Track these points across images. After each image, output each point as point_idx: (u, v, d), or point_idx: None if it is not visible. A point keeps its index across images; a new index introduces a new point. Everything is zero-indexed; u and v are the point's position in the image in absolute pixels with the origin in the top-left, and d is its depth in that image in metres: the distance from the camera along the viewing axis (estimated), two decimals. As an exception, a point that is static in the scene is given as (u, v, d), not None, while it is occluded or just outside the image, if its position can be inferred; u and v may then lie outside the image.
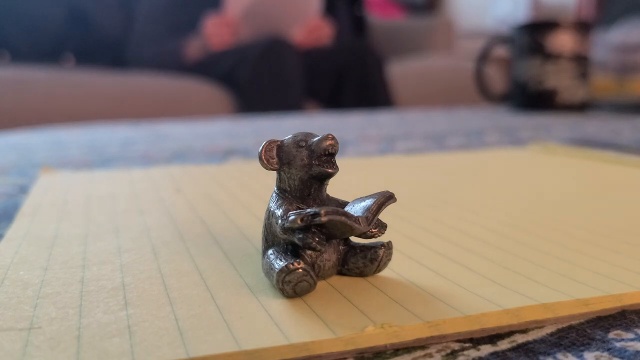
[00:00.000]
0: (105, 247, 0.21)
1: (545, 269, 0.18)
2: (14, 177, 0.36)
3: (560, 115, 0.73)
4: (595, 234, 0.22)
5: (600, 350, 0.14)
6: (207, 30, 1.22)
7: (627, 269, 0.18)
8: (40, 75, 1.12)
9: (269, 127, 0.66)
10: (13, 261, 0.19)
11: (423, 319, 0.15)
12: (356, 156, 0.44)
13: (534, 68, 0.75)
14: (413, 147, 0.49)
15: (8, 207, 0.28)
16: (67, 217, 0.25)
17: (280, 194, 0.17)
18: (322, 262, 0.17)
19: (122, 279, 0.18)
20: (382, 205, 0.17)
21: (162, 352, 0.13)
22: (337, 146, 0.17)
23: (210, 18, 1.23)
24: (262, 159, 0.17)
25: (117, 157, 0.44)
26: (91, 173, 0.36)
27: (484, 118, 0.72)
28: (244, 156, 0.44)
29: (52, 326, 0.14)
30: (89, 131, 0.62)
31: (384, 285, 0.17)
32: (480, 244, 0.21)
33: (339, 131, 0.59)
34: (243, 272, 0.18)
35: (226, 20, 1.22)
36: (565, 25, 0.73)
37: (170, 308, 0.15)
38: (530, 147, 0.44)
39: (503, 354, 0.14)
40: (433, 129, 0.61)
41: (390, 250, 0.17)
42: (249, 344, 0.13)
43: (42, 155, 0.45)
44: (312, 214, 0.15)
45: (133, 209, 0.26)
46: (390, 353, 0.14)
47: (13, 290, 0.17)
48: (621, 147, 0.45)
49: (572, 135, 0.54)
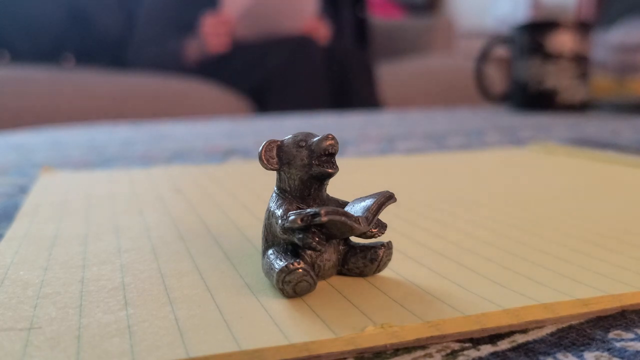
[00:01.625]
0: (105, 247, 0.21)
1: (545, 269, 0.18)
2: (14, 177, 0.36)
3: (560, 115, 0.73)
4: (595, 234, 0.22)
5: (600, 350, 0.14)
6: (205, 29, 1.22)
7: (627, 269, 0.18)
8: (40, 75, 1.12)
9: (269, 127, 0.66)
10: (13, 261, 0.19)
11: (423, 319, 0.15)
12: (356, 156, 0.44)
13: (534, 68, 0.75)
14: (413, 147, 0.49)
15: (8, 207, 0.28)
16: (67, 217, 0.25)
17: (280, 194, 0.17)
18: (322, 262, 0.17)
19: (122, 279, 0.18)
20: (382, 205, 0.17)
21: (162, 352, 0.13)
22: (337, 146, 0.17)
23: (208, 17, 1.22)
24: (262, 159, 0.17)
25: (117, 157, 0.44)
26: (91, 173, 0.36)
27: (484, 118, 0.72)
28: (244, 156, 0.44)
29: (52, 326, 0.14)
30: (89, 131, 0.62)
31: (384, 285, 0.17)
32: (480, 244, 0.21)
33: (339, 131, 0.59)
34: (243, 272, 0.18)
35: (222, 19, 1.22)
36: (565, 25, 0.73)
37: (170, 308, 0.15)
38: (530, 147, 0.44)
39: (503, 354, 0.14)
40: (433, 129, 0.61)
41: (390, 250, 0.17)
42: (249, 344, 0.13)
43: (42, 155, 0.45)
44: (312, 214, 0.15)
45: (133, 209, 0.26)
46: (390, 353, 0.14)
47: (13, 290, 0.17)
48: (621, 147, 0.45)
49: (572, 135, 0.54)
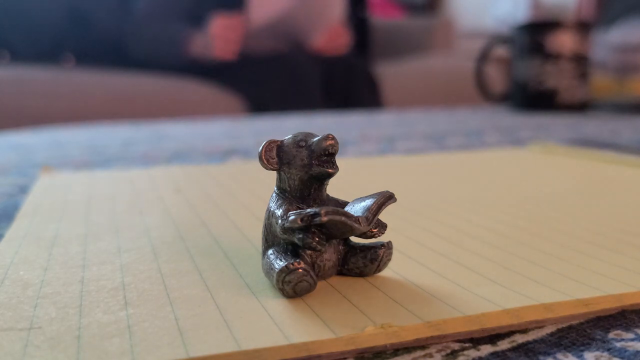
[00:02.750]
0: (105, 247, 0.21)
1: (545, 269, 0.18)
2: (14, 177, 0.36)
3: (560, 115, 0.73)
4: (595, 234, 0.22)
5: (600, 350, 0.14)
6: (213, 30, 1.15)
7: (627, 269, 0.18)
8: (40, 75, 1.12)
9: (269, 127, 0.66)
10: (13, 261, 0.19)
11: (423, 319, 0.15)
12: (356, 156, 0.44)
13: (534, 68, 0.75)
14: (413, 147, 0.49)
15: (8, 207, 0.28)
16: (67, 217, 0.25)
17: (280, 194, 0.17)
18: (322, 262, 0.17)
19: (122, 279, 0.18)
20: (382, 205, 0.17)
21: (162, 352, 0.13)
22: (337, 146, 0.17)
23: (219, 18, 1.15)
24: (262, 159, 0.17)
25: (117, 157, 0.44)
26: (91, 173, 0.35)
27: (484, 118, 0.72)
28: (244, 156, 0.44)
29: (52, 326, 0.14)
30: (89, 131, 0.62)
31: (384, 285, 0.17)
32: (480, 244, 0.21)
33: (339, 131, 0.59)
34: (243, 272, 0.18)
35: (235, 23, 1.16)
36: (565, 25, 0.73)
37: (170, 308, 0.15)
38: (530, 147, 0.44)
39: (503, 354, 0.14)
40: (433, 129, 0.61)
41: (390, 250, 0.17)
42: (249, 344, 0.13)
43: (42, 155, 0.45)
44: (312, 214, 0.15)
45: (133, 209, 0.26)
46: (390, 353, 0.14)
47: (13, 290, 0.17)
48: (621, 147, 0.45)
49: (572, 135, 0.54)
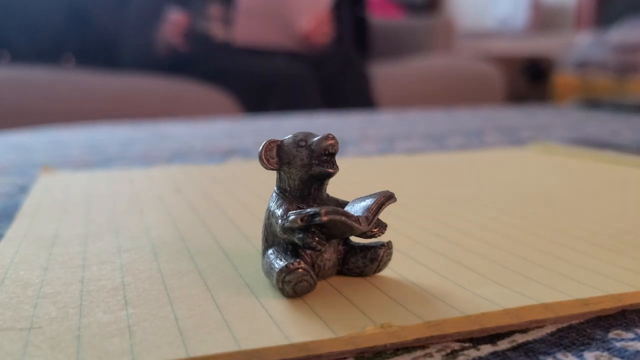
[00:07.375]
0: (105, 247, 0.21)
1: (545, 269, 0.18)
2: (14, 177, 0.36)
3: (560, 114, 0.73)
4: (595, 234, 0.22)
5: (600, 350, 0.14)
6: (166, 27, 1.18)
7: (627, 269, 0.18)
8: (40, 75, 1.12)
9: (269, 127, 0.66)
10: (13, 261, 0.19)
11: (423, 319, 0.15)
12: (356, 156, 0.44)
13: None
14: (413, 147, 0.49)
15: (8, 207, 0.28)
16: (67, 217, 0.25)
17: (280, 193, 0.17)
18: (322, 262, 0.17)
19: (122, 279, 0.18)
20: (382, 205, 0.17)
21: (162, 351, 0.13)
22: (337, 146, 0.17)
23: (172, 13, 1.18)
24: (262, 158, 0.17)
25: (117, 157, 0.44)
26: (91, 173, 0.35)
27: (484, 118, 0.72)
28: (244, 156, 0.44)
29: (52, 326, 0.14)
30: (89, 131, 0.62)
31: (384, 285, 0.17)
32: (480, 244, 0.21)
33: (339, 131, 0.59)
34: (243, 272, 0.18)
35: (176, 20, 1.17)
36: None
37: (170, 308, 0.15)
38: (530, 147, 0.44)
39: (503, 353, 0.14)
40: (433, 129, 0.61)
41: (390, 250, 0.17)
42: (249, 344, 0.13)
43: (42, 155, 0.45)
44: (312, 214, 0.15)
45: (133, 209, 0.26)
46: (390, 353, 0.14)
47: (13, 290, 0.17)
48: (621, 147, 0.45)
49: (572, 135, 0.54)
